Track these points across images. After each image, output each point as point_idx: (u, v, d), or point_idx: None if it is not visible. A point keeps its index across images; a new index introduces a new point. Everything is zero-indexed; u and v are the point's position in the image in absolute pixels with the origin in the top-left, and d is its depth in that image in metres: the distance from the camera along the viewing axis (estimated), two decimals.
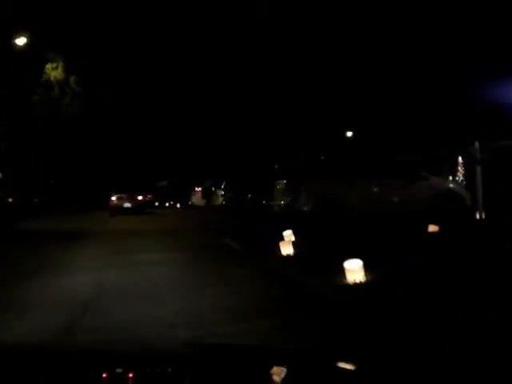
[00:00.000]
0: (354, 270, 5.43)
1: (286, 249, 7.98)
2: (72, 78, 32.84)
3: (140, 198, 28.43)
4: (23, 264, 8.62)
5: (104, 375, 1.75)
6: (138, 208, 27.12)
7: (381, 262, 6.25)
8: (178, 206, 38.20)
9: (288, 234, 9.86)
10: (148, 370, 1.81)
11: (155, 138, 40.51)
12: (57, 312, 5.07)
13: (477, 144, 15.10)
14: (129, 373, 1.75)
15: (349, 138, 33.77)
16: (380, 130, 27.37)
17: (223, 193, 25.74)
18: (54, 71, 31.60)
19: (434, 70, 25.54)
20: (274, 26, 29.97)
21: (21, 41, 28.04)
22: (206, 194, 31.11)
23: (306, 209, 12.93)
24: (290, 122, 30.42)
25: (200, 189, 34.95)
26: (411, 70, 26.00)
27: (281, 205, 13.69)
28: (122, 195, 27.85)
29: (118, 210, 26.50)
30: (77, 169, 36.84)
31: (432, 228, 10.50)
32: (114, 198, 27.96)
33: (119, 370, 1.80)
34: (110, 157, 38.84)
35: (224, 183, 26.66)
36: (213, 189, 28.37)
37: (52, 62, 31.27)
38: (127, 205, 27.35)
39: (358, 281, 5.44)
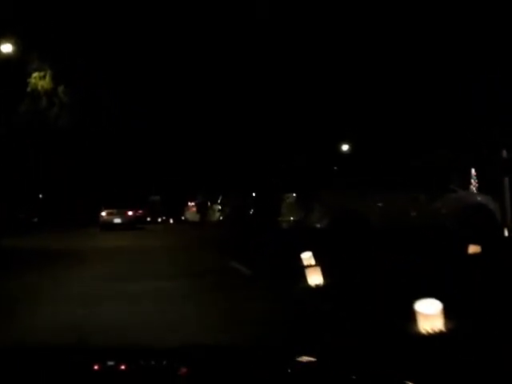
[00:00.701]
0: (432, 316, 3.93)
1: (314, 277, 6.44)
2: (61, 88, 31.27)
3: (130, 213, 27.79)
4: None
5: (95, 367, 1.78)
6: (129, 223, 26.59)
7: (447, 299, 4.72)
8: (171, 221, 36.72)
9: (307, 257, 8.34)
10: (142, 363, 1.82)
11: (148, 147, 39.00)
12: None
13: (504, 152, 13.78)
14: (121, 365, 1.82)
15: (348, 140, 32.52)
16: (381, 136, 26.53)
17: (220, 208, 24.11)
18: (41, 81, 30.03)
19: (435, 75, 24.96)
20: (274, 26, 29.48)
21: (6, 48, 26.58)
22: (201, 208, 29.58)
23: (319, 226, 11.44)
24: (288, 125, 29.37)
25: (193, 203, 33.62)
26: (410, 75, 25.40)
27: (290, 221, 12.19)
28: (112, 210, 27.30)
29: (108, 225, 25.89)
30: (67, 181, 35.25)
31: (473, 249, 9.06)
32: (103, 214, 27.38)
33: (111, 363, 1.82)
34: (101, 169, 37.24)
35: (220, 197, 25.07)
36: (208, 203, 26.77)
37: (39, 70, 29.70)
38: (117, 220, 26.88)
39: (436, 330, 3.94)
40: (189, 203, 35.29)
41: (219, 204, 24.53)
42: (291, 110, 29.78)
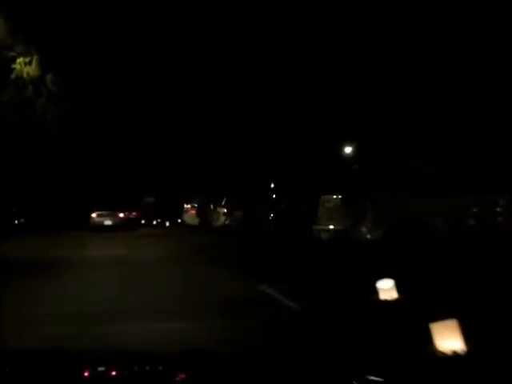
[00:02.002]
0: None
1: (446, 339, 3.72)
2: (49, 77, 28.45)
3: (121, 215, 27.13)
4: None
5: (95, 371, 1.76)
6: (120, 226, 25.73)
7: None
8: (168, 224, 33.95)
9: (387, 288, 5.69)
10: (136, 368, 1.82)
11: (146, 146, 36.83)
12: None
13: None
14: (111, 371, 1.80)
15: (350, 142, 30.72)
16: (382, 135, 25.36)
17: (226, 211, 21.20)
18: (27, 67, 27.14)
19: (435, 75, 24.01)
20: (274, 26, 28.47)
21: None
22: (201, 211, 26.90)
23: (370, 237, 8.76)
24: (290, 123, 27.81)
25: (190, 206, 31.07)
26: (410, 75, 24.32)
27: (330, 231, 9.47)
28: (102, 212, 26.52)
29: (99, 227, 25.14)
30: (59, 180, 33.18)
31: None
32: (94, 215, 26.69)
33: (101, 369, 1.80)
34: (95, 169, 35.31)
35: (225, 199, 22.23)
36: (211, 206, 23.92)
37: (25, 55, 26.80)
38: (108, 222, 25.91)
39: None
40: (186, 205, 32.72)
41: (224, 207, 21.64)
42: (292, 109, 28.44)
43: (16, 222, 31.29)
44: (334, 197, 9.62)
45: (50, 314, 5.85)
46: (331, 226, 9.35)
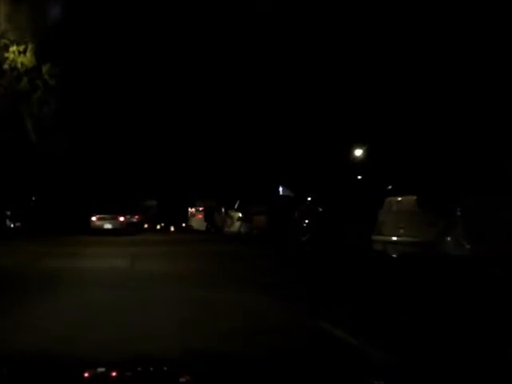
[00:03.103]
0: None
1: None
2: (45, 68, 26.24)
3: (122, 218, 26.38)
4: None
5: (86, 374, 1.74)
6: (121, 230, 25.07)
7: None
8: (172, 229, 31.93)
9: None
10: (139, 369, 1.86)
11: (146, 145, 35.06)
12: None
13: None
14: (112, 372, 1.79)
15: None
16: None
17: (240, 215, 18.75)
18: (21, 56, 24.92)
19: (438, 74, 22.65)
20: (278, 25, 27.65)
21: None
22: (210, 215, 24.83)
23: (459, 252, 6.44)
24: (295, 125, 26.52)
25: (195, 209, 29.17)
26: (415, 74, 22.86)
27: (402, 243, 7.13)
28: (103, 215, 25.97)
29: (99, 231, 24.90)
30: (59, 182, 31.57)
31: None
32: (94, 219, 26.13)
33: (101, 370, 1.83)
34: (96, 169, 33.78)
35: (238, 202, 19.89)
36: (222, 210, 21.59)
37: (19, 44, 24.56)
38: (108, 226, 25.59)
39: None
40: (190, 209, 30.83)
41: (238, 210, 19.21)
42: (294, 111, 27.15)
43: (12, 225, 29.32)
44: (399, 198, 7.27)
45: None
46: (403, 238, 7.01)
